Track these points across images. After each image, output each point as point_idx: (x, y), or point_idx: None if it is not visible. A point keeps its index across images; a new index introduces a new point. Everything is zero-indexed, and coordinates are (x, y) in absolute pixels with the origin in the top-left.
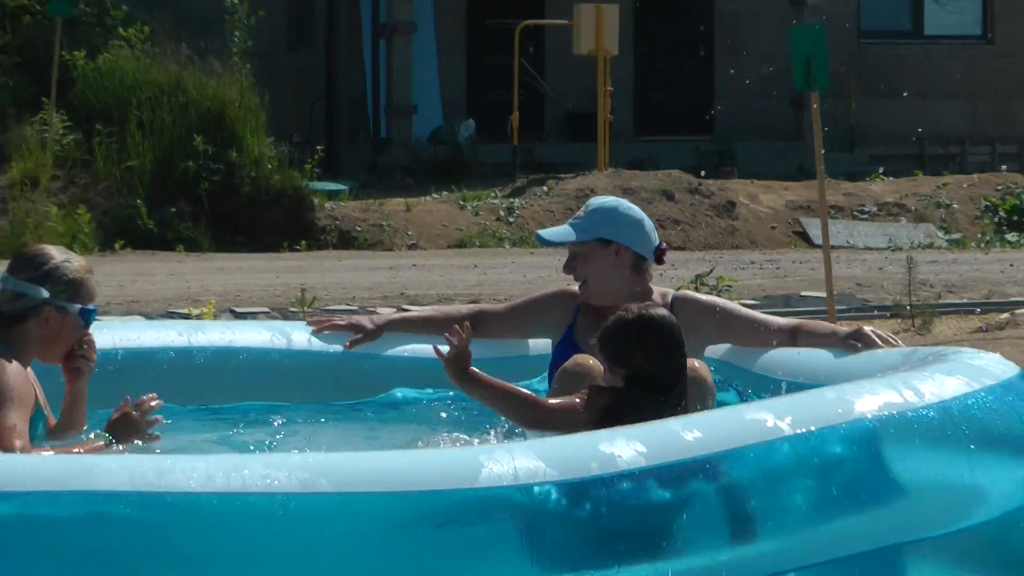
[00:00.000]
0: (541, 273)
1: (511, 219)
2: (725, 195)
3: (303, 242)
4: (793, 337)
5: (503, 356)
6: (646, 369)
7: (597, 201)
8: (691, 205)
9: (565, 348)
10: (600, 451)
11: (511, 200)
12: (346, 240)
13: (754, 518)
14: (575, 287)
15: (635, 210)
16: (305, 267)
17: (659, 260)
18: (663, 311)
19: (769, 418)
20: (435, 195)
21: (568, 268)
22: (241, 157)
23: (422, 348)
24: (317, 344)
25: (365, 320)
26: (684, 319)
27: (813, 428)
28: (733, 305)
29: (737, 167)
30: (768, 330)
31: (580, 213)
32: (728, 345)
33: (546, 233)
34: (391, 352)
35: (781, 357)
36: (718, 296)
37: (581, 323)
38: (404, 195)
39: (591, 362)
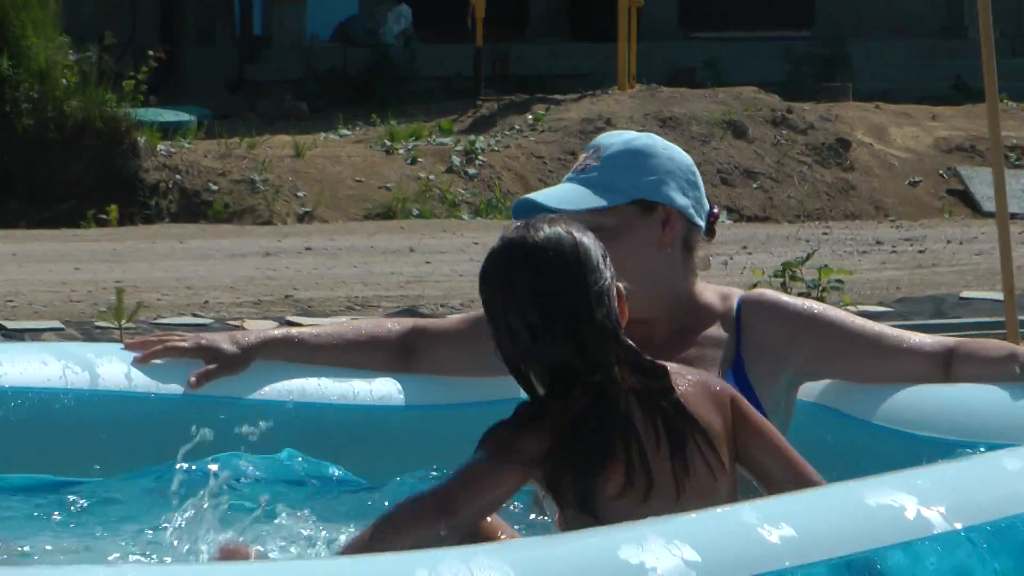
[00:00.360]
0: None
1: (472, 170)
2: (833, 129)
3: (119, 210)
4: (946, 366)
5: (462, 402)
6: (517, 343)
7: (618, 139)
8: (775, 146)
9: None
10: (620, 560)
11: (472, 138)
12: (193, 207)
13: None
14: None
15: (678, 151)
16: (124, 252)
17: (710, 232)
18: (554, 228)
19: (909, 503)
20: (344, 130)
21: None
22: (17, 68)
23: (319, 386)
24: (140, 380)
25: (223, 341)
26: (759, 335)
27: (986, 521)
28: (844, 315)
29: (853, 82)
30: (904, 355)
31: (590, 160)
32: (830, 381)
33: (543, 196)
34: (267, 394)
35: (920, 399)
36: (818, 300)
37: None
38: (292, 131)
39: None
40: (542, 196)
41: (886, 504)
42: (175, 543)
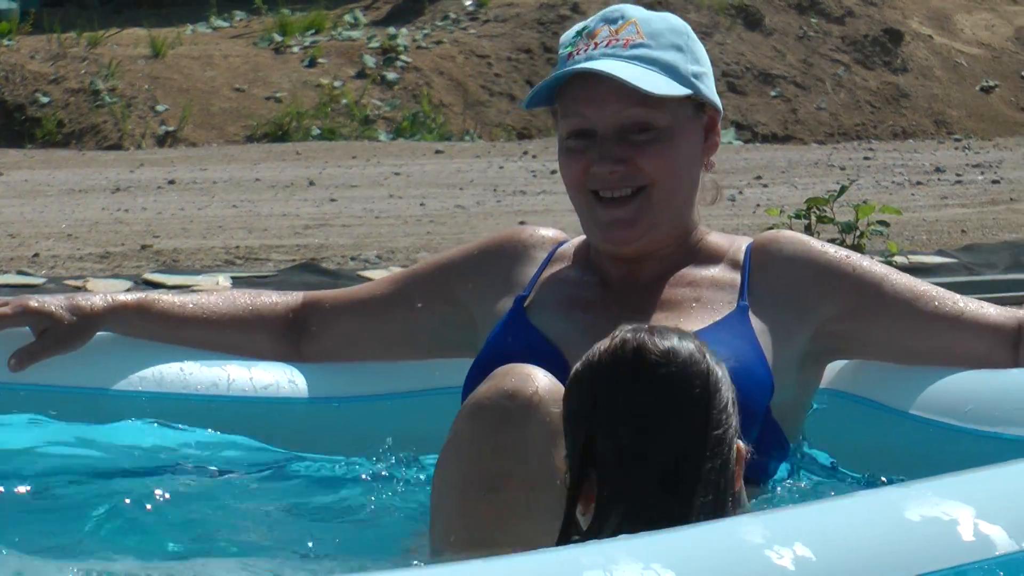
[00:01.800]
0: (462, 199)
1: (391, 75)
2: (879, 16)
3: None
4: (1015, 346)
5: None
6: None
7: (648, 11)
8: (801, 40)
9: (501, 326)
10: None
11: (391, 32)
12: (16, 126)
13: None
14: (545, 230)
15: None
16: None
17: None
18: (692, 343)
19: (963, 516)
20: (218, 21)
21: (607, 156)
22: None
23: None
24: None
25: (57, 305)
26: (771, 277)
27: None
28: (884, 268)
29: None
30: (962, 326)
31: (627, 34)
32: (857, 362)
33: (605, 65)
34: (113, 381)
35: (980, 386)
36: (855, 250)
37: (547, 284)
38: (147, 22)
39: (541, 385)
40: (604, 65)
41: (933, 517)
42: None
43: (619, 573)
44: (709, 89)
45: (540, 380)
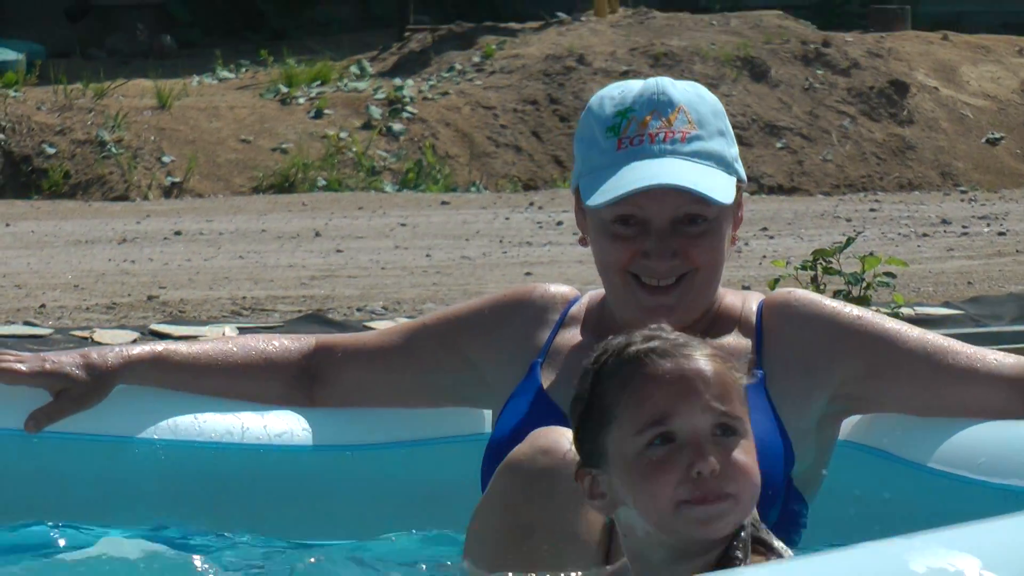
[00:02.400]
0: (468, 251)
1: (397, 126)
2: (885, 68)
3: None
4: None
5: (386, 441)
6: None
7: (687, 91)
8: (807, 92)
9: (519, 402)
10: None
11: (397, 83)
12: (23, 177)
13: None
14: (557, 287)
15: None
16: None
17: None
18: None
19: (968, 567)
20: (224, 72)
21: (664, 250)
22: None
23: (196, 421)
24: None
25: (72, 366)
26: (785, 343)
27: None
28: (896, 323)
29: (913, 4)
30: (977, 379)
31: (682, 125)
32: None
33: (685, 180)
34: (127, 429)
35: (996, 438)
36: (859, 302)
37: (563, 352)
38: (154, 73)
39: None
40: (673, 179)
41: (939, 568)
42: None
43: None
44: (741, 168)
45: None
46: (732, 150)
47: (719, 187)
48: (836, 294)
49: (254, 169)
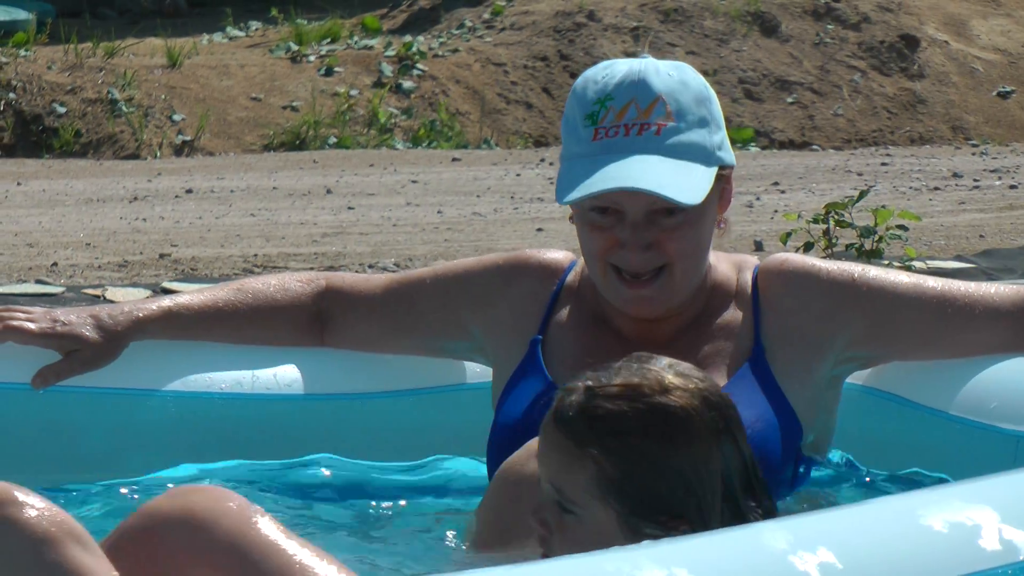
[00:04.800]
0: (479, 207)
1: (407, 83)
2: (896, 22)
3: None
4: None
5: (398, 389)
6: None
7: (669, 78)
8: (817, 46)
9: (524, 387)
10: None
11: (407, 40)
12: (33, 136)
13: None
14: (552, 254)
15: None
16: None
17: None
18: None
19: (987, 521)
20: (234, 31)
21: (638, 242)
22: None
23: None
24: None
25: (83, 325)
26: (783, 315)
27: None
28: (892, 275)
29: None
30: (979, 319)
31: (659, 117)
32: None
33: (653, 184)
34: (137, 382)
35: (1004, 378)
36: (871, 253)
37: (563, 330)
38: (164, 32)
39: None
40: (641, 182)
41: (956, 522)
42: None
43: None
44: (727, 151)
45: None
46: (715, 137)
47: (689, 185)
48: (848, 247)
49: (265, 127)
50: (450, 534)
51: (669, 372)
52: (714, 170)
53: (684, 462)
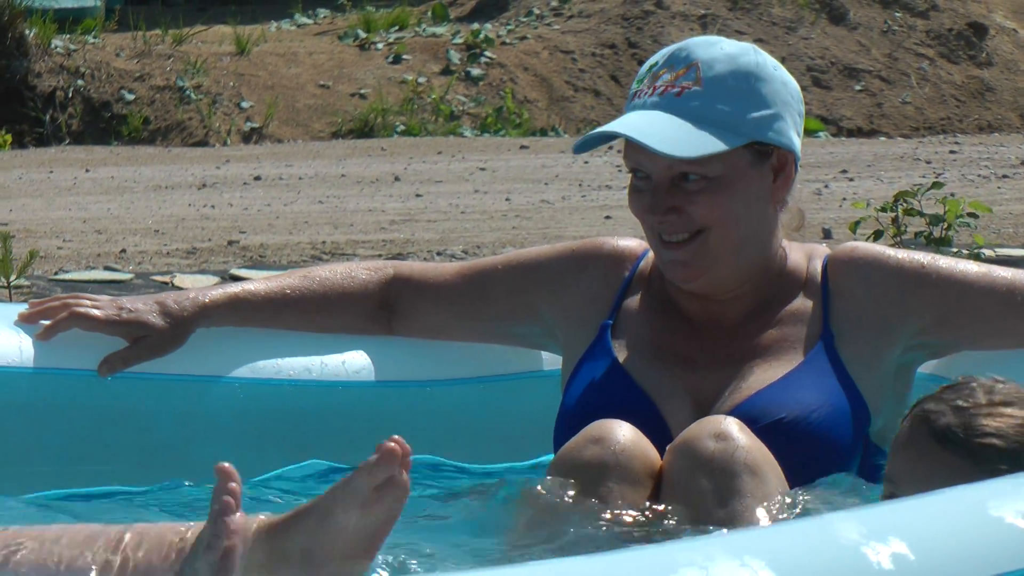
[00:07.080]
0: (547, 194)
1: (475, 71)
2: (964, 10)
3: (2, 127)
4: None
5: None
6: None
7: (717, 51)
8: (886, 34)
9: (591, 370)
10: None
11: (476, 27)
12: (102, 123)
13: None
14: (626, 241)
15: (787, 73)
16: (10, 185)
17: None
18: None
19: None
20: (303, 18)
21: (658, 205)
22: None
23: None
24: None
25: (149, 313)
26: (853, 303)
27: None
28: (960, 264)
29: None
30: None
31: (685, 80)
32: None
33: (635, 131)
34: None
35: None
36: (940, 242)
37: (633, 315)
38: (233, 20)
39: (642, 447)
40: (634, 131)
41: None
42: None
43: (715, 570)
44: (778, 131)
45: (626, 434)
46: (754, 113)
47: (681, 141)
48: (917, 235)
49: (333, 114)
50: (503, 514)
51: None
52: (723, 146)
53: None
